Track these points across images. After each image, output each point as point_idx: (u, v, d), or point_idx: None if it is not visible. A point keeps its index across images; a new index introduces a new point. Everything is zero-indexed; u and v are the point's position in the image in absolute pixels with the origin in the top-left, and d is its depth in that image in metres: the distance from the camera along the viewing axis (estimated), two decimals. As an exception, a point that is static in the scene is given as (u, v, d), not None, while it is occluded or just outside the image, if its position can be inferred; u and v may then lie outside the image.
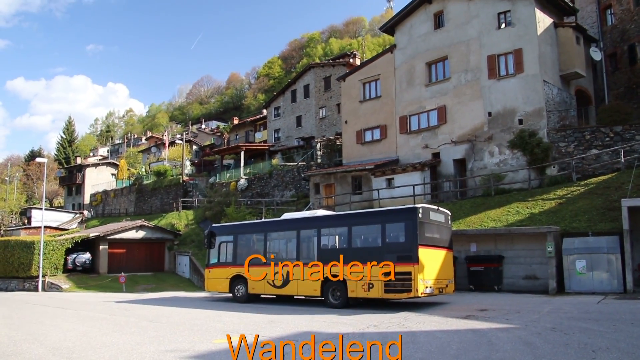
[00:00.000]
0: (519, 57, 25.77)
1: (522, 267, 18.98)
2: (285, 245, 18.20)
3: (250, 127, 59.95)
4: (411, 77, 30.28)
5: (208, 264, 20.36)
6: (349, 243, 15.85)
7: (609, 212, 18.88)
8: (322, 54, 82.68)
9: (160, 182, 49.76)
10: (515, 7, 26.27)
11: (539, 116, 25.07)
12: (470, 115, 27.33)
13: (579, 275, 17.10)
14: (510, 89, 26.04)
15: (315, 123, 45.94)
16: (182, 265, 34.49)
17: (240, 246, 19.28)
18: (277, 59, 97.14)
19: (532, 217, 20.85)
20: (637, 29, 28.14)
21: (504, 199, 23.68)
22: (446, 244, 15.73)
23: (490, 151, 26.54)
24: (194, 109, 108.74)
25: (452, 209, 21.21)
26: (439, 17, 29.63)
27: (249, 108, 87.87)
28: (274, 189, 39.31)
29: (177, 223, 40.00)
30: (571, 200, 21.29)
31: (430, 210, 15.29)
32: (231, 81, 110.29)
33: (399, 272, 13.99)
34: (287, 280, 16.93)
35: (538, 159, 24.61)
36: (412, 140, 29.77)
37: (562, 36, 26.80)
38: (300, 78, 49.08)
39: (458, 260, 19.21)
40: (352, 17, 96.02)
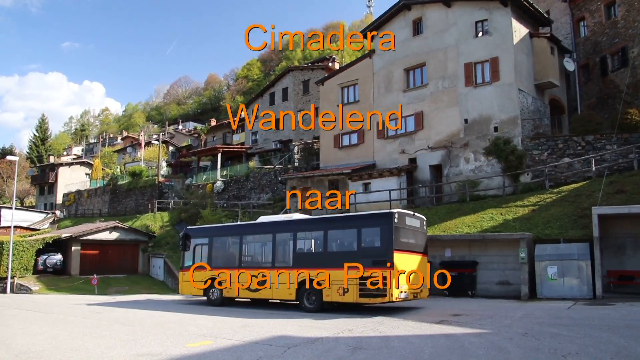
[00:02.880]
0: (495, 66, 26.17)
1: (495, 272, 19.23)
2: (261, 249, 18.14)
3: (228, 129, 59.63)
4: (389, 83, 30.50)
5: (182, 267, 20.14)
6: (325, 247, 15.85)
7: (580, 220, 19.26)
8: (302, 57, 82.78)
9: (136, 183, 49.11)
10: (492, 16, 26.69)
11: (514, 124, 25.48)
12: (446, 121, 27.64)
13: (551, 281, 17.39)
14: (486, 96, 26.42)
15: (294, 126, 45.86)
16: (157, 268, 34.08)
17: (215, 249, 19.13)
18: (256, 61, 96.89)
19: (506, 223, 21.15)
20: (608, 42, 28.84)
21: (479, 205, 23.98)
22: (421, 249, 15.85)
23: (466, 158, 26.86)
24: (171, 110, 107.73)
25: (428, 214, 21.40)
26: (417, 24, 29.93)
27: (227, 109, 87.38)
28: (251, 191, 39.13)
29: (152, 225, 39.52)
30: (544, 207, 21.66)
31: (406, 215, 15.39)
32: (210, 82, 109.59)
33: (374, 276, 14.05)
34: (262, 283, 16.86)
35: (512, 166, 25.01)
36: (389, 146, 29.96)
37: (537, 46, 27.31)
38: (279, 81, 49.00)
39: (433, 266, 19.33)
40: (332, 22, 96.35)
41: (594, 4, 29.88)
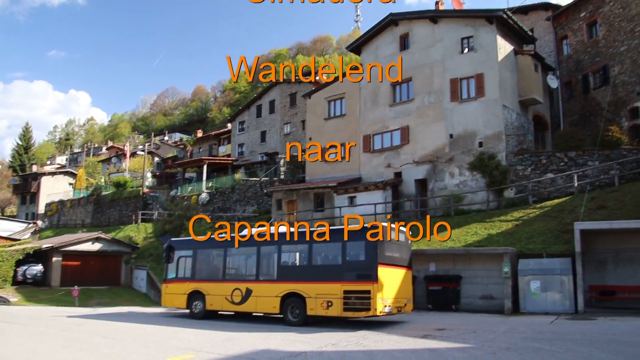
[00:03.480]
0: (481, 82, 26.50)
1: (479, 287, 19.28)
2: (245, 262, 18.00)
3: (214, 140, 59.53)
4: (376, 97, 30.71)
5: (166, 279, 19.93)
6: (309, 260, 15.80)
7: (563, 235, 19.43)
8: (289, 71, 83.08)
9: (120, 194, 48.66)
10: (478, 33, 27.07)
11: (499, 140, 25.76)
12: (432, 136, 27.85)
13: (534, 295, 17.48)
14: (472, 112, 26.70)
15: (280, 139, 45.98)
16: (139, 280, 33.67)
17: (199, 261, 18.97)
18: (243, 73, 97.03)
19: (490, 238, 21.27)
20: (590, 60, 29.39)
21: (463, 219, 24.11)
22: (406, 263, 15.86)
23: (451, 172, 27.05)
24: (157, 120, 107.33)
25: (413, 228, 21.45)
26: (404, 39, 30.26)
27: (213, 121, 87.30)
28: (236, 203, 38.98)
29: (135, 236, 39.12)
30: (527, 222, 21.84)
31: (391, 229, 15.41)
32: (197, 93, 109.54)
33: (358, 290, 14.03)
34: (246, 296, 16.75)
35: (497, 181, 25.24)
36: (375, 159, 30.09)
37: (522, 63, 27.74)
38: (266, 93, 49.19)
39: (417, 280, 19.38)
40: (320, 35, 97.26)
41: (577, 23, 30.49)
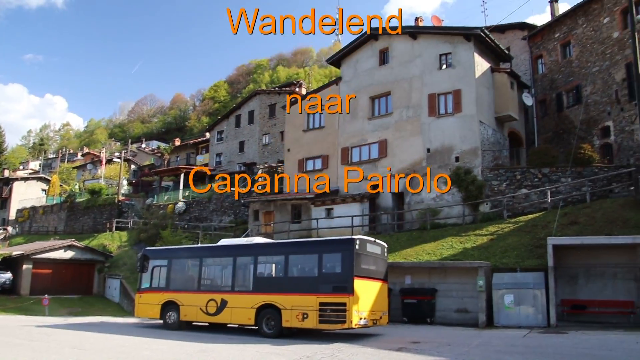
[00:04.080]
0: (458, 98, 26.92)
1: (454, 300, 19.44)
2: (221, 272, 17.90)
3: (192, 149, 59.17)
4: (354, 110, 30.93)
5: (139, 289, 19.67)
6: (285, 272, 15.78)
7: (536, 249, 19.74)
8: (269, 81, 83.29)
9: (94, 201, 47.93)
10: (456, 50, 27.55)
11: (475, 155, 26.14)
12: (410, 150, 28.13)
13: (507, 309, 17.69)
14: (449, 127, 27.07)
15: (258, 149, 45.95)
16: (112, 289, 33.12)
17: (174, 271, 18.78)
18: (223, 82, 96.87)
19: (465, 251, 21.49)
20: (564, 79, 30.13)
21: (439, 233, 24.33)
22: (382, 275, 15.94)
23: (427, 186, 27.32)
24: (135, 128, 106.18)
25: (389, 241, 21.57)
26: (384, 54, 30.61)
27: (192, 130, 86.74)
28: (213, 213, 38.72)
29: (109, 244, 38.53)
30: (502, 236, 22.14)
31: (367, 242, 15.48)
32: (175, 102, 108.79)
33: (334, 302, 14.04)
34: (221, 307, 16.62)
35: (472, 195, 25.57)
36: (353, 172, 30.23)
37: (498, 81, 28.30)
38: (246, 103, 49.20)
39: (393, 292, 19.46)
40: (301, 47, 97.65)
41: (551, 43, 31.27)
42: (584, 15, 29.16)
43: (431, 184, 27.14)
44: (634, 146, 25.20)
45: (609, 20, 27.50)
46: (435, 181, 27.02)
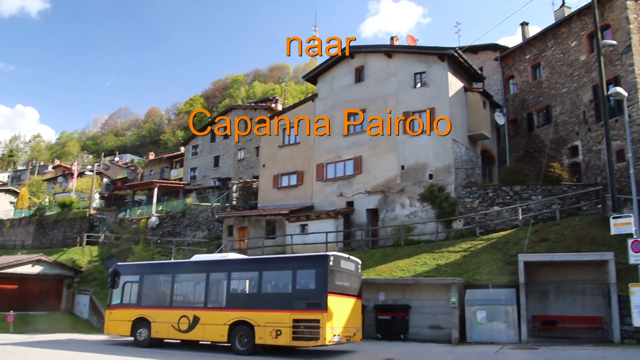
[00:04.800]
0: (432, 116, 27.33)
1: (427, 316, 19.53)
2: (194, 288, 17.72)
3: (167, 163, 58.61)
4: (330, 127, 31.09)
5: (110, 305, 19.32)
6: (259, 288, 15.70)
7: (508, 266, 20.00)
8: (245, 96, 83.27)
9: (65, 215, 46.94)
10: (430, 69, 28.04)
11: (448, 172, 26.51)
12: (384, 167, 28.38)
13: (480, 325, 17.86)
14: (423, 145, 27.43)
15: (233, 164, 45.77)
16: (81, 305, 32.38)
17: (146, 287, 18.52)
18: (199, 97, 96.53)
19: (439, 268, 21.66)
20: (534, 100, 30.91)
21: (413, 249, 24.49)
22: (356, 292, 15.96)
23: (401, 203, 27.56)
24: (108, 140, 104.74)
25: (363, 257, 21.63)
26: (360, 72, 30.98)
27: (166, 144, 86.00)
28: (187, 228, 38.31)
29: (79, 259, 37.71)
30: (474, 253, 22.39)
31: (341, 258, 15.52)
32: (150, 115, 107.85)
33: (307, 319, 14.00)
34: (194, 324, 16.42)
35: (446, 212, 25.86)
36: (328, 188, 30.34)
37: (471, 100, 28.87)
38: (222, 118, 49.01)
39: (367, 309, 19.46)
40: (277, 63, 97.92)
41: (522, 64, 32.11)
42: (553, 39, 30.06)
43: (405, 201, 27.39)
44: (600, 165, 25.90)
45: (577, 44, 28.39)
46: (409, 198, 27.28)
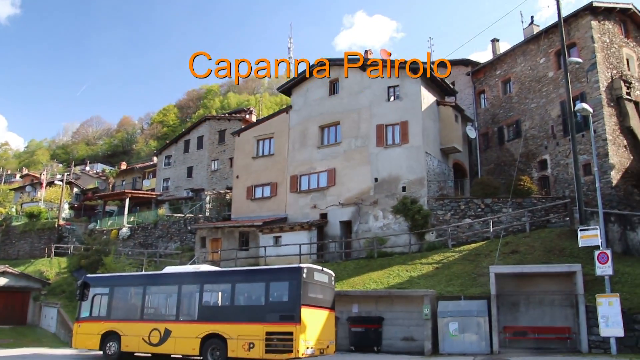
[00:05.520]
0: (405, 129, 27.68)
1: (400, 328, 19.60)
2: (165, 301, 17.49)
3: (139, 173, 57.91)
4: (304, 138, 31.21)
5: (78, 318, 18.88)
6: (232, 301, 15.60)
7: (479, 278, 20.27)
8: (220, 107, 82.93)
9: (32, 225, 45.77)
10: (403, 83, 28.44)
11: (421, 185, 26.82)
12: (358, 179, 28.55)
13: (452, 337, 17.99)
14: (396, 157, 27.71)
15: (207, 175, 45.46)
16: (49, 318, 31.55)
17: (116, 299, 18.20)
18: (173, 107, 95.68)
19: (411, 280, 21.81)
20: (504, 114, 31.60)
21: (386, 261, 24.61)
22: (329, 304, 15.96)
23: (375, 215, 27.73)
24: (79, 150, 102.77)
25: (337, 269, 21.68)
26: (334, 84, 31.22)
27: (139, 154, 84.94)
28: (159, 239, 37.80)
29: (47, 271, 36.80)
30: (447, 265, 22.63)
31: (315, 270, 15.53)
32: (123, 124, 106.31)
33: (280, 332, 13.95)
34: (165, 337, 16.19)
35: (418, 224, 26.10)
36: (302, 200, 30.35)
37: (443, 113, 29.34)
38: (195, 129, 48.80)
39: (340, 321, 19.43)
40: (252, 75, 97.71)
41: (493, 79, 32.82)
42: (522, 55, 30.84)
43: (378, 213, 27.58)
44: (568, 179, 26.54)
45: (545, 61, 29.20)
46: (382, 210, 27.48)
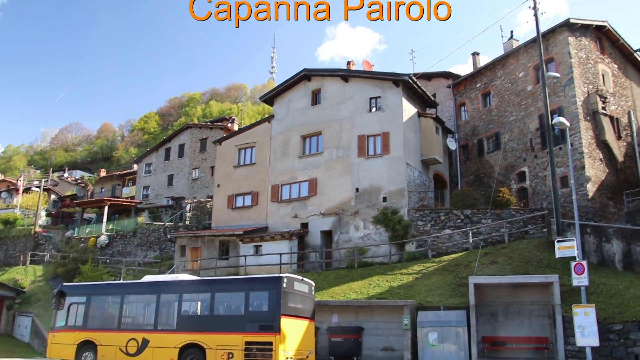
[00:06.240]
0: (386, 140, 27.88)
1: (380, 338, 19.61)
2: (144, 310, 17.29)
3: (118, 181, 57.30)
4: (286, 148, 31.24)
5: (53, 327, 18.55)
6: (211, 310, 15.49)
7: (459, 288, 20.42)
8: (201, 115, 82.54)
9: (7, 232, 44.96)
10: (385, 94, 28.70)
11: (401, 195, 26.99)
12: (339, 189, 28.63)
13: (431, 347, 18.06)
14: (377, 168, 27.88)
15: (187, 183, 45.17)
16: (22, 328, 30.91)
17: (93, 309, 17.92)
18: (154, 114, 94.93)
19: (392, 290, 21.87)
20: (484, 126, 32.05)
21: (367, 271, 24.65)
22: (309, 314, 15.95)
23: (355, 225, 27.80)
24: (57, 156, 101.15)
25: (317, 279, 21.66)
26: (316, 95, 31.36)
27: (119, 161, 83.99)
28: (138, 248, 37.39)
29: (22, 279, 36.13)
30: (426, 275, 22.75)
31: (295, 280, 15.52)
32: (103, 131, 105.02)
33: (260, 342, 13.91)
34: (142, 347, 15.99)
35: (399, 235, 26.24)
36: (283, 209, 30.31)
37: (424, 125, 29.64)
38: (177, 137, 48.55)
39: (320, 331, 19.40)
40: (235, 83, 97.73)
41: (473, 92, 33.30)
42: (502, 69, 31.38)
43: (359, 223, 27.67)
44: (546, 191, 26.98)
45: (524, 75, 29.75)
46: (363, 220, 27.58)
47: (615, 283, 18.03)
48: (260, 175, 31.89)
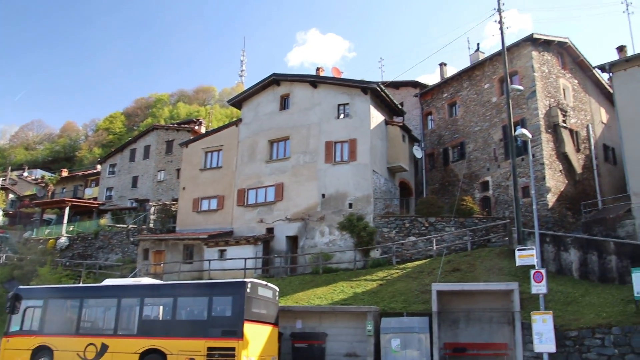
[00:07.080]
0: (353, 147, 28.09)
1: (344, 344, 19.64)
2: (103, 314, 16.93)
3: (81, 181, 55.99)
4: (253, 152, 31.13)
5: (7, 332, 17.97)
6: (173, 315, 15.28)
7: (422, 295, 20.62)
8: (169, 117, 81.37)
9: (-39, 233, 43.51)
10: (353, 101, 28.93)
11: (367, 202, 27.19)
12: (305, 195, 28.66)
13: (394, 353, 18.18)
14: (344, 174, 28.03)
15: (152, 186, 44.48)
16: (-26, 333, 29.79)
17: (50, 313, 17.46)
18: (120, 114, 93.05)
19: (356, 296, 21.95)
20: (450, 136, 32.63)
21: (331, 277, 24.69)
22: (272, 319, 15.90)
23: (321, 231, 27.87)
24: (17, 154, 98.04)
25: (282, 284, 21.60)
26: (285, 100, 31.38)
27: (82, 161, 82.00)
28: (99, 250, 36.55)
29: (-25, 282, 34.89)
30: (390, 282, 22.92)
31: (259, 285, 15.46)
32: (66, 129, 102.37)
33: (222, 347, 13.79)
34: (101, 353, 15.65)
35: (364, 241, 26.39)
36: (248, 214, 30.16)
37: (391, 133, 29.99)
38: (142, 138, 47.78)
39: (283, 337, 19.30)
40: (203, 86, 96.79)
41: (440, 102, 33.88)
42: (468, 80, 32.03)
43: (325, 229, 27.74)
44: (508, 200, 27.60)
45: (489, 86, 30.44)
46: (329, 226, 27.66)
47: (572, 291, 18.55)
48: (227, 179, 31.67)
